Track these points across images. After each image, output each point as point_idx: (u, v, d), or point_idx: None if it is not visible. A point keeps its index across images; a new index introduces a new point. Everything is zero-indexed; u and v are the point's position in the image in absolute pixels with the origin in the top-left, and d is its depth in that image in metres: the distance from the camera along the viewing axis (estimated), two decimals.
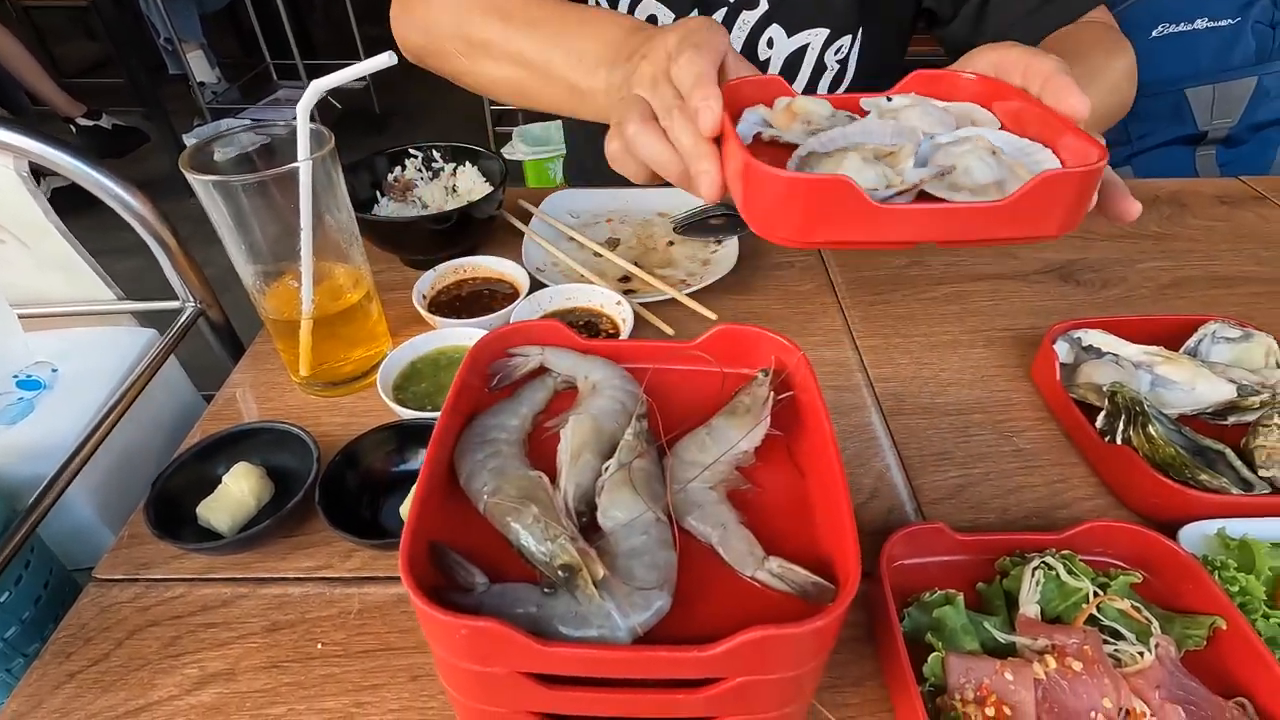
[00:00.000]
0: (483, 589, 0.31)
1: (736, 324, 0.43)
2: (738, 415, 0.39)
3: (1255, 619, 0.42)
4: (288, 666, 0.43)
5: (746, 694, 0.30)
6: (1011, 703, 0.38)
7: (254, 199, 0.51)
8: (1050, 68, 0.42)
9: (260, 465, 0.52)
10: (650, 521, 0.33)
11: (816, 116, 0.46)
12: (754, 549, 0.33)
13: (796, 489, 0.37)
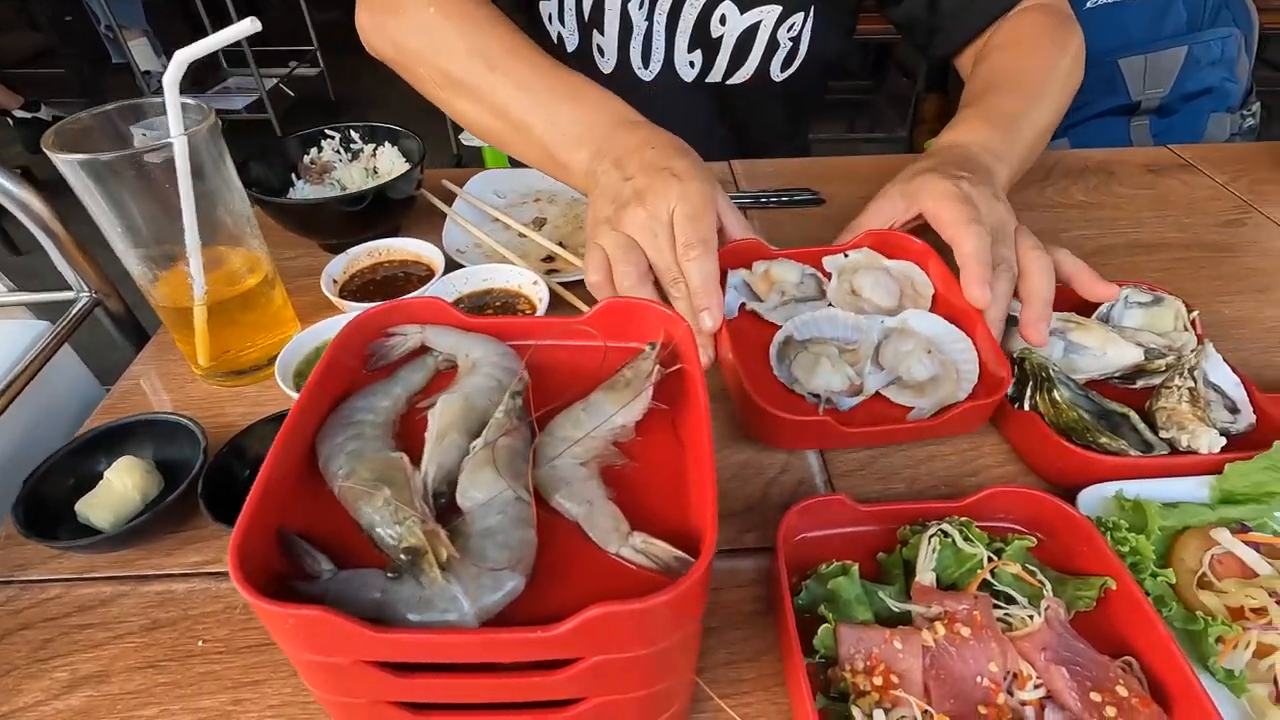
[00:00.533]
0: (328, 576, 0.30)
1: (623, 297, 0.42)
2: (616, 390, 0.37)
3: (1144, 578, 0.42)
4: (165, 666, 0.41)
5: (606, 673, 0.29)
6: (899, 670, 0.38)
7: (131, 180, 0.49)
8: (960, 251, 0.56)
9: (147, 459, 0.50)
10: (509, 500, 0.31)
11: (789, 284, 0.61)
12: (619, 525, 0.32)
13: (677, 464, 0.36)
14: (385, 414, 0.36)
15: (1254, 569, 0.43)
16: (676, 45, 0.89)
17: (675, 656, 0.31)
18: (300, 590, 0.29)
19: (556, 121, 0.63)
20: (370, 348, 0.41)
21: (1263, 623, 0.39)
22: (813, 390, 0.54)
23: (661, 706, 0.34)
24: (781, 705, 0.40)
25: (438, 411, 0.36)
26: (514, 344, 0.41)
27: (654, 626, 0.28)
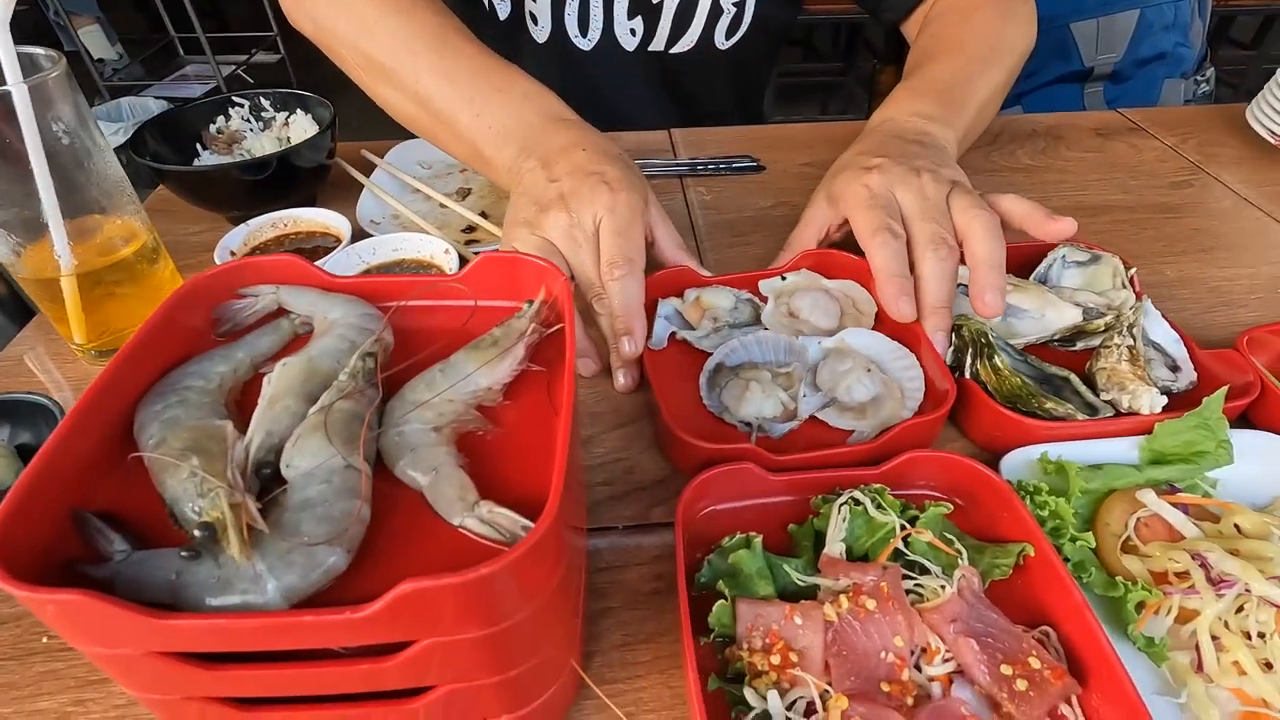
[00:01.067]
0: (121, 558, 0.26)
1: (498, 252, 0.39)
2: (480, 349, 0.34)
3: (1063, 543, 0.39)
4: (2, 666, 0.38)
5: (447, 657, 0.26)
6: (799, 648, 0.35)
7: None
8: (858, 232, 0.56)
9: (6, 444, 0.46)
10: (337, 468, 0.28)
11: (722, 310, 0.57)
12: (465, 494, 0.29)
13: (548, 429, 0.33)
14: (219, 380, 0.33)
15: (1180, 531, 0.40)
16: (615, 11, 0.86)
17: (530, 634, 0.28)
18: (88, 574, 0.26)
19: (482, 115, 0.59)
20: (216, 311, 0.37)
21: (1185, 587, 0.37)
22: (743, 418, 0.49)
23: (529, 693, 0.31)
24: (677, 689, 0.37)
25: (275, 375, 0.32)
26: (381, 305, 0.38)
27: (485, 603, 0.25)
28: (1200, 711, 0.34)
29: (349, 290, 0.38)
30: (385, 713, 0.29)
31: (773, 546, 0.40)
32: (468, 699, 0.29)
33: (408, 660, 0.26)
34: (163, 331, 0.33)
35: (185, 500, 0.27)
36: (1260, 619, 0.35)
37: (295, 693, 0.27)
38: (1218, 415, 0.44)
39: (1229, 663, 0.35)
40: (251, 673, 0.26)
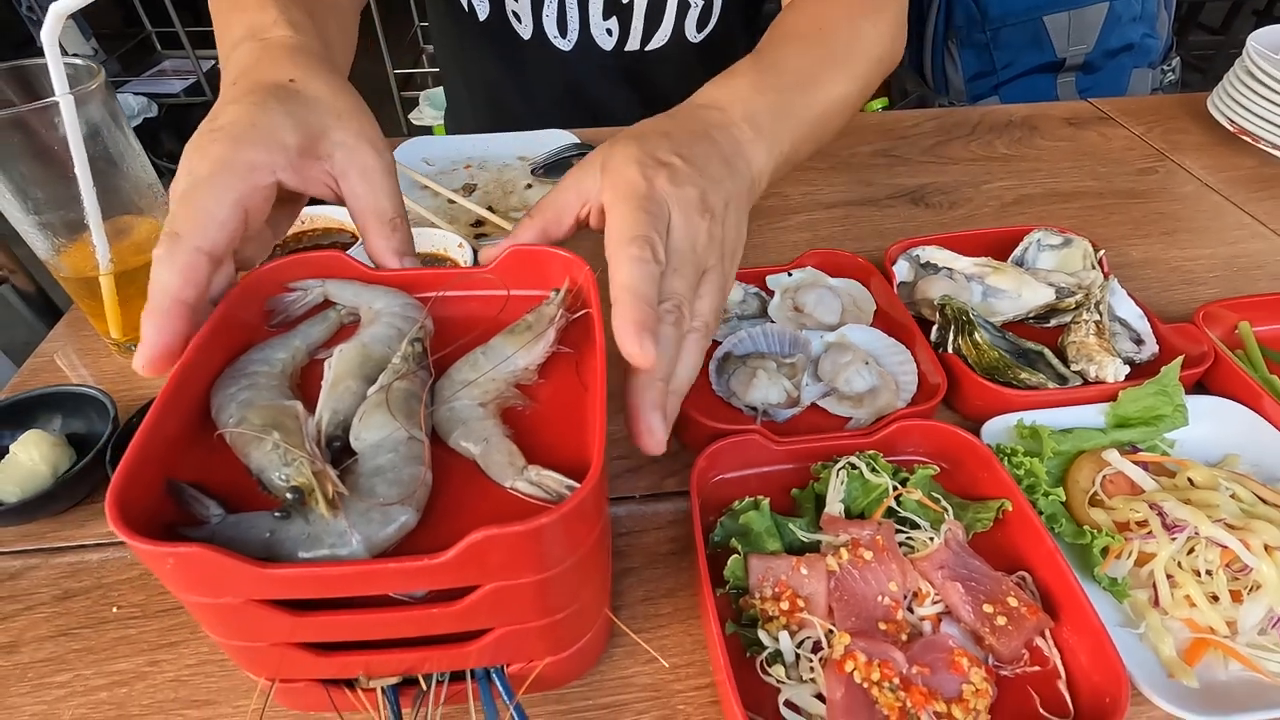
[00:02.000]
0: (217, 520, 0.30)
1: (528, 245, 0.42)
2: (516, 333, 0.38)
3: (1037, 498, 0.44)
4: (78, 633, 0.41)
5: (503, 601, 0.30)
6: (805, 595, 0.40)
7: (18, 143, 0.47)
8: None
9: (56, 433, 0.49)
10: (401, 440, 0.32)
11: (731, 302, 0.59)
12: (514, 460, 0.32)
13: (578, 405, 0.37)
14: (281, 365, 0.36)
15: (1140, 485, 0.45)
16: (591, 13, 0.88)
17: (572, 582, 0.32)
18: (188, 536, 0.29)
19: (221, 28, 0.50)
20: (269, 304, 0.40)
21: (1144, 533, 0.42)
22: (749, 403, 0.53)
23: (570, 636, 0.35)
24: (697, 636, 0.41)
25: (334, 360, 0.35)
26: (419, 296, 0.41)
27: (542, 549, 0.29)
28: (1157, 640, 0.39)
29: (390, 282, 0.41)
30: (442, 655, 0.33)
31: (777, 509, 0.44)
32: (516, 642, 0.33)
33: (472, 604, 0.30)
34: (225, 323, 0.37)
35: (271, 469, 0.30)
36: (1208, 558, 0.40)
37: (368, 637, 0.31)
38: (1174, 382, 0.49)
39: (1181, 597, 0.40)
40: (332, 619, 0.30)
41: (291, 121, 0.40)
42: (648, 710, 0.38)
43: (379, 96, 3.17)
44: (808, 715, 0.36)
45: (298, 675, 0.33)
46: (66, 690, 0.38)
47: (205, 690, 0.38)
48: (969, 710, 0.35)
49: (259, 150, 0.38)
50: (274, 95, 0.40)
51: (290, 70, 0.43)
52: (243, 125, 0.38)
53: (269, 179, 0.39)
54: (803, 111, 0.54)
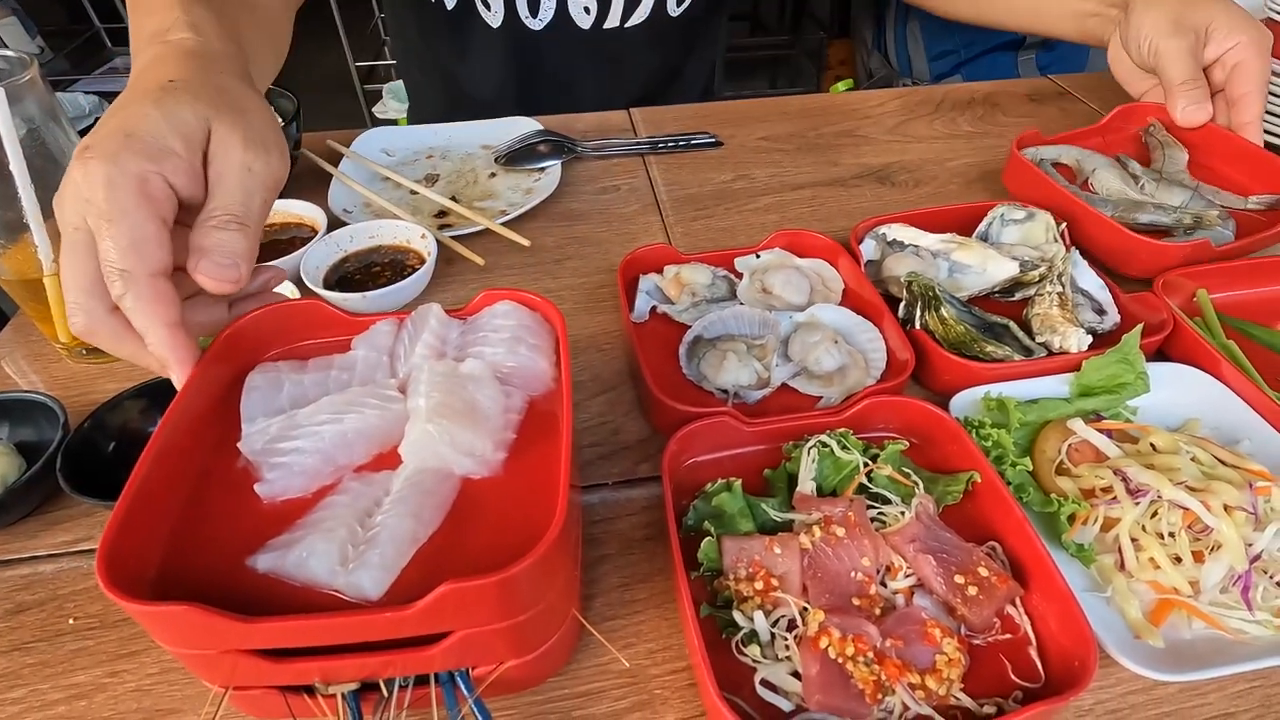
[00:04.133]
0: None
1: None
2: None
3: (1005, 469, 0.44)
4: (33, 647, 0.40)
5: (464, 604, 0.29)
6: (779, 574, 0.40)
7: None
8: None
9: (6, 442, 0.47)
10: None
11: (700, 286, 0.60)
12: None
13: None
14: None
15: (1105, 453, 0.46)
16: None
17: (536, 582, 0.31)
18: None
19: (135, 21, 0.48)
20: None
21: (1109, 498, 0.42)
22: (720, 386, 0.53)
23: (536, 638, 0.34)
24: (673, 620, 0.41)
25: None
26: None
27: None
28: (1123, 603, 0.40)
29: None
30: (403, 659, 0.32)
31: (750, 490, 0.44)
32: (480, 645, 0.32)
33: (427, 608, 0.29)
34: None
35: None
36: (1170, 521, 0.40)
37: (323, 643, 0.30)
38: (1135, 350, 0.49)
39: (1146, 560, 0.40)
40: (284, 624, 0.29)
41: (168, 125, 0.37)
42: (625, 696, 0.38)
43: (341, 90, 3.10)
44: (784, 693, 0.36)
45: (252, 682, 0.32)
46: (22, 706, 0.37)
47: (169, 699, 0.37)
48: (942, 680, 0.36)
49: (140, 160, 0.35)
50: (150, 99, 0.38)
51: (173, 72, 0.40)
52: (118, 139, 0.35)
53: (162, 187, 0.36)
54: None
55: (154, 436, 0.34)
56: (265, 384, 0.39)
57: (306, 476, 0.35)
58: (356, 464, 0.37)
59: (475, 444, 0.36)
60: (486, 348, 0.40)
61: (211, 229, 0.37)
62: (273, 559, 0.32)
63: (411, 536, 0.32)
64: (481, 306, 0.43)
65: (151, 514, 0.32)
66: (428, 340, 0.41)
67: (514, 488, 0.36)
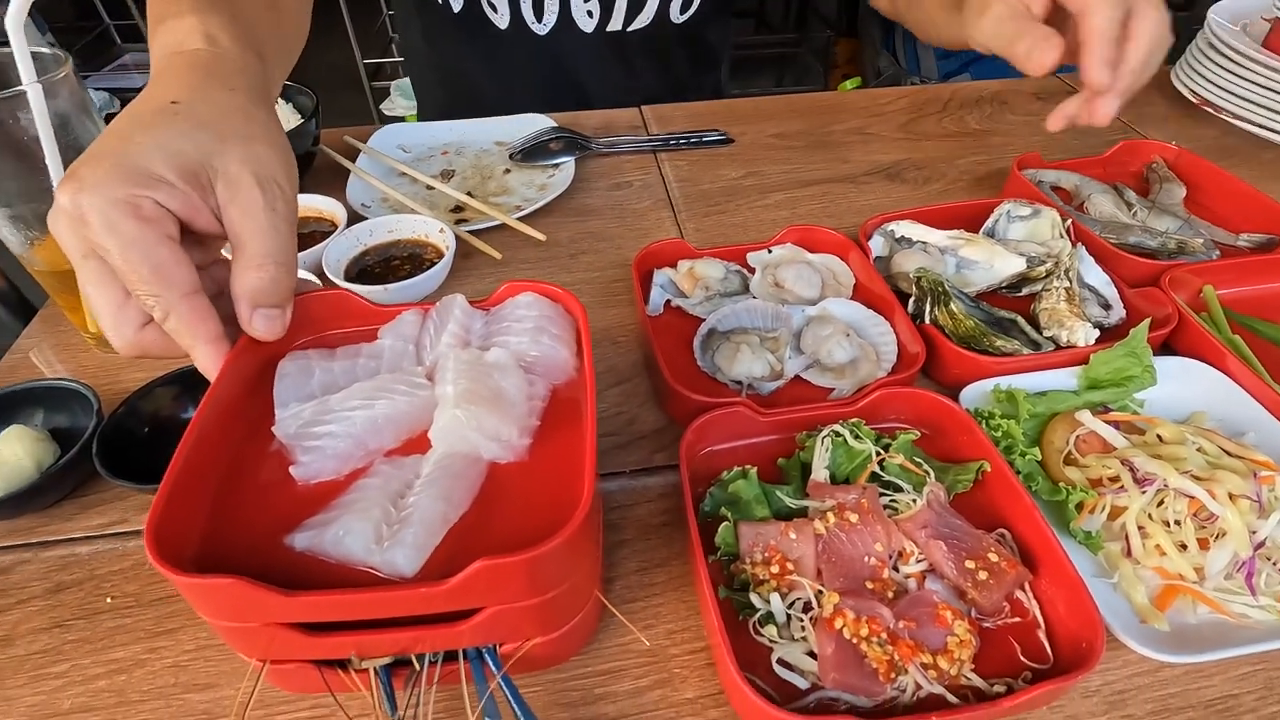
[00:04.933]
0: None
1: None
2: None
3: (1015, 458, 0.45)
4: (73, 625, 0.41)
5: (495, 581, 0.31)
6: (794, 558, 0.41)
7: None
8: None
9: (39, 428, 0.48)
10: None
11: (713, 280, 0.61)
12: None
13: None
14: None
15: (1112, 444, 0.47)
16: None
17: (563, 562, 0.32)
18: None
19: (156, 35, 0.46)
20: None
21: (1116, 488, 0.43)
22: (734, 377, 0.54)
23: (561, 615, 0.35)
24: (690, 603, 0.42)
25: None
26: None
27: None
28: (1129, 588, 0.41)
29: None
30: (434, 635, 0.33)
31: (764, 478, 0.45)
32: (508, 621, 0.33)
33: (460, 584, 0.30)
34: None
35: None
36: (1176, 509, 0.42)
37: (359, 617, 0.31)
38: (1143, 344, 0.50)
39: (1152, 547, 0.41)
40: (322, 598, 0.30)
41: (161, 154, 0.35)
42: (645, 675, 0.39)
43: (349, 87, 3.12)
44: (800, 672, 0.37)
45: (289, 656, 0.34)
46: (64, 680, 0.39)
47: (205, 674, 0.39)
48: (954, 661, 0.37)
49: (126, 187, 0.34)
50: (143, 125, 0.37)
51: (178, 89, 0.39)
52: (104, 167, 0.34)
53: (155, 209, 0.35)
54: None
55: (192, 422, 0.35)
56: (296, 371, 0.40)
57: (339, 460, 0.37)
58: (386, 448, 0.38)
59: (501, 429, 0.37)
60: (511, 337, 0.41)
61: (252, 271, 0.37)
62: (310, 537, 0.33)
63: (443, 517, 0.34)
64: (504, 298, 0.44)
65: (192, 495, 0.34)
66: (453, 330, 0.42)
67: (538, 472, 0.37)
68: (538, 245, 0.68)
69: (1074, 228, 0.64)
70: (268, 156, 0.38)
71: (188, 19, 0.44)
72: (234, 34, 0.44)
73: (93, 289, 0.36)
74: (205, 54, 0.43)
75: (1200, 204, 0.72)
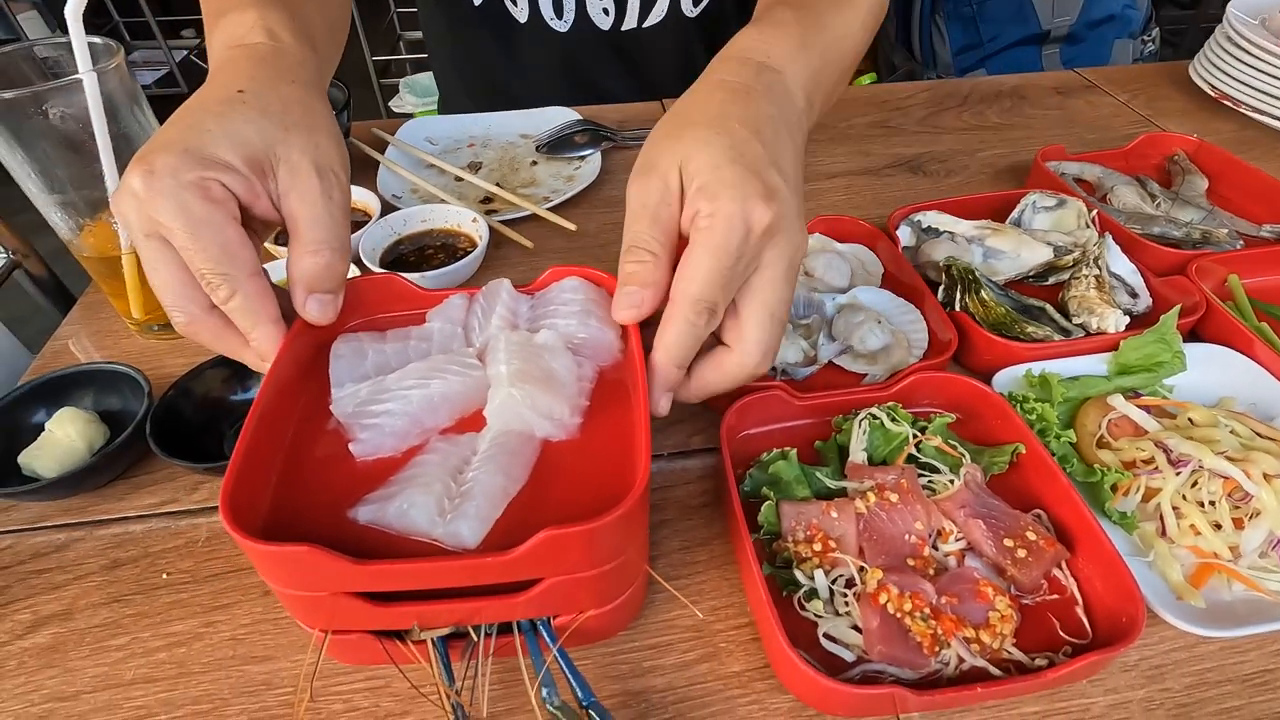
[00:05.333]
0: None
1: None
2: None
3: (1049, 441, 0.46)
4: (131, 599, 0.42)
5: (554, 552, 0.31)
6: (836, 536, 0.42)
7: (40, 121, 0.47)
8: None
9: (91, 410, 0.49)
10: None
11: None
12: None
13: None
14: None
15: (1144, 427, 0.47)
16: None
17: (619, 535, 0.33)
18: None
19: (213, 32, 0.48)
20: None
21: (1150, 469, 0.44)
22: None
23: (615, 588, 0.36)
24: (733, 580, 0.43)
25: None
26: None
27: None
28: (1165, 567, 0.41)
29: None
30: (493, 606, 0.34)
31: (801, 460, 0.46)
32: (564, 593, 0.34)
33: (525, 552, 0.31)
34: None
35: None
36: (1210, 489, 0.42)
37: (423, 586, 0.32)
38: (1172, 331, 0.51)
39: (1187, 526, 0.42)
40: (388, 568, 0.31)
41: (229, 141, 0.37)
42: (691, 649, 0.40)
43: (357, 84, 3.12)
44: (846, 645, 0.38)
45: (353, 626, 0.35)
46: (126, 652, 0.40)
47: (263, 646, 0.40)
48: (996, 635, 0.38)
49: (196, 169, 0.35)
50: (212, 113, 0.38)
51: (244, 80, 0.40)
52: (175, 153, 0.35)
53: (222, 191, 0.36)
54: (817, 41, 0.50)
55: (255, 401, 0.36)
56: (350, 353, 0.41)
57: (397, 437, 0.38)
58: (441, 427, 0.39)
59: (554, 407, 0.38)
60: (559, 319, 0.42)
61: (309, 257, 0.38)
62: (373, 510, 0.34)
63: (503, 491, 0.35)
64: (549, 282, 0.45)
65: (258, 470, 0.35)
66: (501, 312, 0.43)
67: (590, 450, 0.38)
68: (567, 235, 0.69)
69: (1099, 218, 0.64)
70: (327, 147, 0.40)
71: (249, 13, 0.45)
72: (293, 29, 0.46)
73: (158, 268, 0.37)
74: (266, 48, 0.44)
75: (1222, 195, 0.73)
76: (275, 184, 0.38)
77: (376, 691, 0.38)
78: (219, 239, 0.35)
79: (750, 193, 0.37)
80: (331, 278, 0.39)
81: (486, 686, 0.36)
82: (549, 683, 0.35)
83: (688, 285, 0.37)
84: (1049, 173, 0.71)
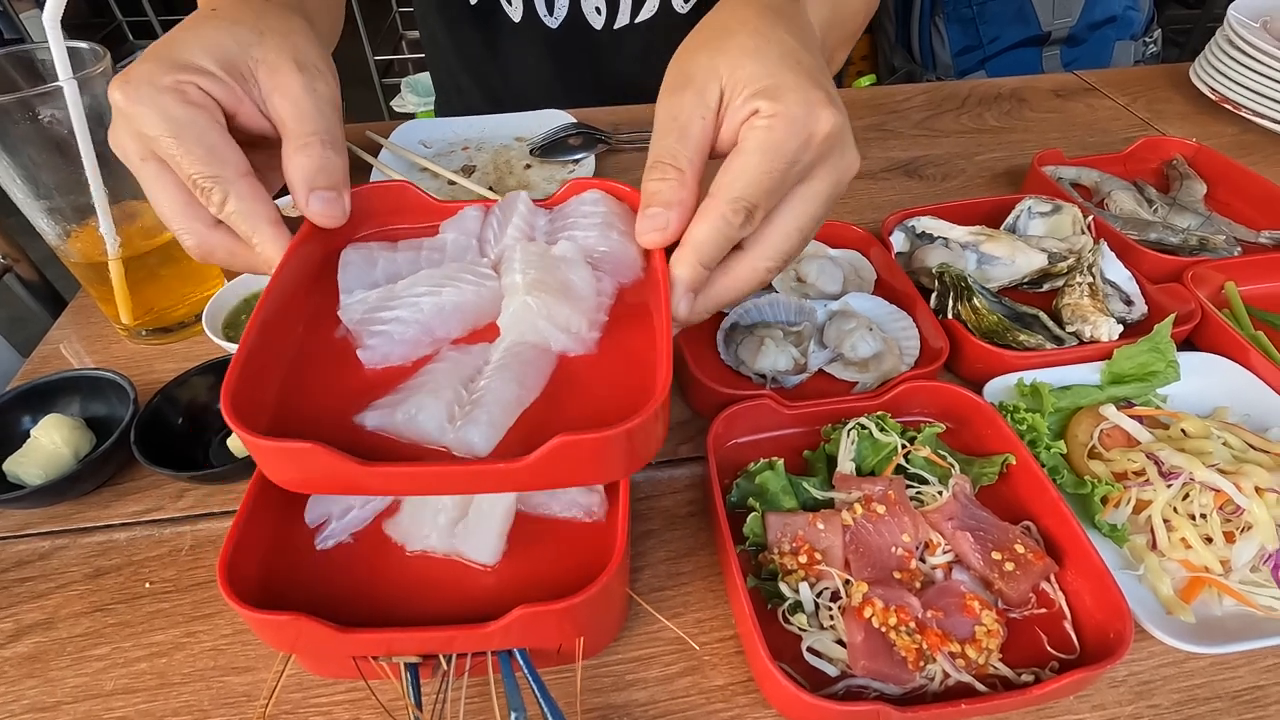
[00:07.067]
0: None
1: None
2: None
3: (1039, 451, 0.46)
4: (113, 609, 0.42)
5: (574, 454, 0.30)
6: (821, 549, 0.41)
7: (25, 127, 0.47)
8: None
9: (76, 417, 0.49)
10: None
11: None
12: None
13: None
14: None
15: (1136, 437, 0.47)
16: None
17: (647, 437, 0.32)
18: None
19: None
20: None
21: (1141, 481, 0.44)
22: (758, 370, 0.54)
23: (594, 619, 0.36)
24: (718, 592, 0.43)
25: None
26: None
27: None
28: (1155, 581, 0.41)
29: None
30: (463, 636, 0.33)
31: (789, 470, 0.46)
32: (536, 624, 0.33)
33: (540, 458, 0.29)
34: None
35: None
36: (1202, 502, 0.42)
37: (436, 492, 0.33)
38: (1166, 340, 0.50)
39: (1177, 540, 0.42)
40: (394, 470, 0.30)
41: (201, 46, 0.36)
42: (674, 663, 0.40)
43: (359, 83, 3.13)
44: (830, 659, 0.38)
45: (316, 651, 0.34)
46: (107, 662, 0.39)
47: (244, 657, 0.40)
48: (982, 650, 0.37)
49: (172, 73, 0.35)
50: (184, 27, 0.38)
51: (218, 3, 0.40)
52: (149, 63, 0.36)
53: (202, 95, 0.36)
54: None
55: (258, 304, 0.34)
56: (359, 260, 0.40)
57: (407, 345, 0.36)
58: (453, 337, 0.38)
59: (572, 320, 0.36)
60: (578, 231, 0.40)
61: (299, 153, 0.36)
62: (381, 416, 0.33)
63: (516, 399, 0.33)
64: (568, 196, 0.43)
65: (262, 373, 0.33)
66: (517, 224, 0.41)
67: (606, 366, 0.36)
68: None
69: (1095, 224, 0.64)
70: (305, 46, 0.39)
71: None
72: None
73: (157, 191, 0.36)
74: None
75: (1220, 201, 0.72)
76: (258, 89, 0.37)
77: (356, 704, 0.38)
78: (204, 140, 0.35)
79: (815, 99, 0.35)
80: (328, 171, 0.37)
81: (459, 709, 0.35)
82: (518, 706, 0.34)
83: (732, 180, 0.34)
84: (1046, 177, 0.70)
